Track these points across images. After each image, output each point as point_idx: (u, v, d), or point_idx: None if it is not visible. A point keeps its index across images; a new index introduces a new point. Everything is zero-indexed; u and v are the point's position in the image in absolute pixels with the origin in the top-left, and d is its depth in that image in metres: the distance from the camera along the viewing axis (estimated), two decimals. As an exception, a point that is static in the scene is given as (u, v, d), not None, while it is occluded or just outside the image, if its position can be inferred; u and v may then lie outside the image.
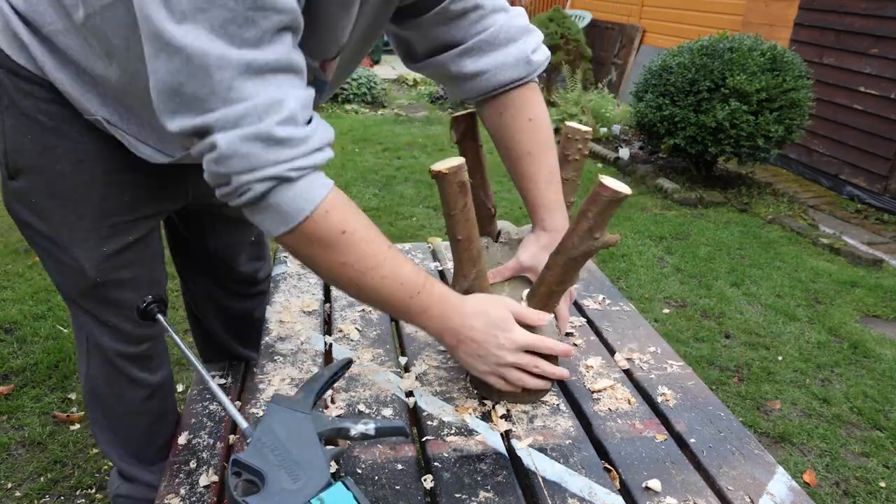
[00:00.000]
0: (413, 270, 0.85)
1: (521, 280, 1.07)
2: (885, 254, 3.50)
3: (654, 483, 0.85)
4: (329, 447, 0.79)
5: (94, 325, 1.11)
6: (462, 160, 0.89)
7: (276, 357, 1.10)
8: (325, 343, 1.15)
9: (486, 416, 0.97)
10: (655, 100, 4.20)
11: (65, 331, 2.36)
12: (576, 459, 0.89)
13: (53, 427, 1.90)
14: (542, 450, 0.90)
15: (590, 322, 1.27)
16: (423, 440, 0.93)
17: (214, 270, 1.35)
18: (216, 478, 0.87)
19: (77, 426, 1.91)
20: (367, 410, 0.97)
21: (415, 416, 0.99)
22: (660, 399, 1.03)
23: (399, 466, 0.87)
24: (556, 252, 0.92)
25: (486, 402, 1.00)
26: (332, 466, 0.84)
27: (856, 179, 4.26)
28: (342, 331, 1.19)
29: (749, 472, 0.88)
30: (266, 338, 1.16)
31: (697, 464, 0.90)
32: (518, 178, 1.08)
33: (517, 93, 1.05)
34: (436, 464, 0.87)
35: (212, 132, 0.71)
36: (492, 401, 1.00)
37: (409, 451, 0.90)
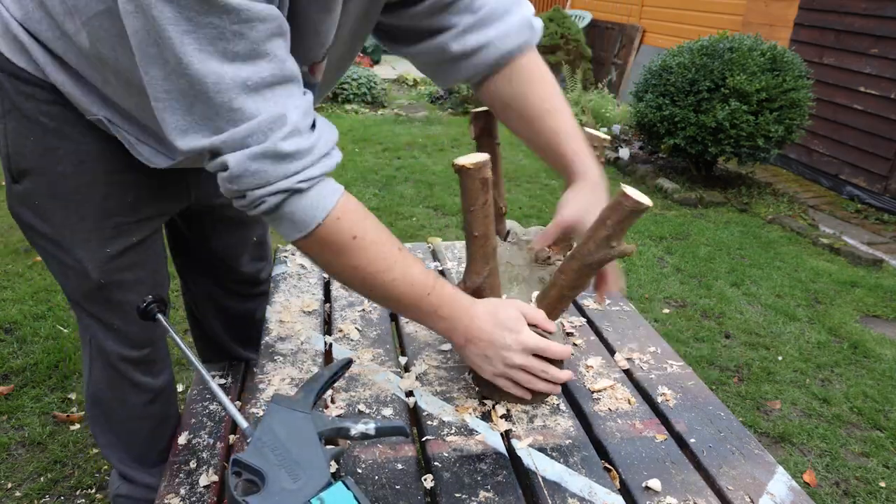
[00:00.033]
0: (423, 272, 0.87)
1: (529, 283, 1.07)
2: (885, 254, 3.50)
3: (654, 483, 0.85)
4: (329, 447, 0.79)
5: (99, 329, 1.11)
6: (486, 156, 0.88)
7: (276, 357, 1.10)
8: (325, 343, 1.15)
9: (486, 416, 0.97)
10: (655, 100, 4.20)
11: (65, 331, 2.36)
12: (576, 459, 0.89)
13: (53, 427, 1.90)
14: (542, 449, 0.90)
15: (590, 322, 1.27)
16: (423, 440, 0.93)
17: (215, 271, 1.35)
18: (216, 478, 0.87)
19: (77, 426, 1.91)
20: (367, 410, 0.98)
21: (415, 416, 0.99)
22: (660, 399, 1.04)
23: (399, 466, 0.87)
24: (571, 257, 0.92)
25: (487, 402, 1.00)
26: (333, 466, 0.84)
27: (856, 179, 4.26)
28: (342, 331, 1.19)
29: (749, 472, 0.88)
30: (266, 338, 1.16)
31: (697, 464, 0.90)
32: (540, 136, 1.04)
33: (524, 58, 1.02)
34: (436, 463, 0.87)
35: (221, 153, 0.73)
36: (493, 401, 1.00)
37: (409, 451, 0.90)
